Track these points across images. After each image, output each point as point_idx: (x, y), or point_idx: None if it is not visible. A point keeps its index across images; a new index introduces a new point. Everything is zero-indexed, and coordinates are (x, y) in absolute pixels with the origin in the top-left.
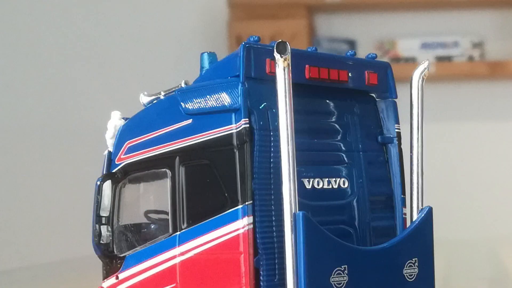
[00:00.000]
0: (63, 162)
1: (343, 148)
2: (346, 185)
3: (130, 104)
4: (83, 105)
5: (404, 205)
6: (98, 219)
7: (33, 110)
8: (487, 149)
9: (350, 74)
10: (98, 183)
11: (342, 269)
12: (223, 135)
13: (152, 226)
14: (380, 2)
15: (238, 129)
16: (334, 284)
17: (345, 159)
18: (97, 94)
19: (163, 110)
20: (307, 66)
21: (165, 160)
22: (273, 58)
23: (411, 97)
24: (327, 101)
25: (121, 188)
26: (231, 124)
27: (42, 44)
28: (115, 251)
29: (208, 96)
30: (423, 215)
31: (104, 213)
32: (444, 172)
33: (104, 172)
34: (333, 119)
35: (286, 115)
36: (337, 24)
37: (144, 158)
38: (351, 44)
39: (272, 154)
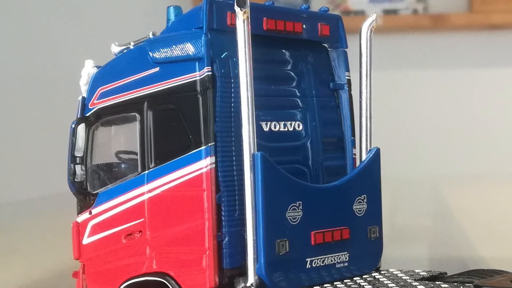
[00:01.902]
0: (41, 107)
1: (298, 94)
2: (301, 128)
3: (102, 54)
4: (59, 55)
5: (354, 146)
6: (72, 159)
7: (13, 59)
8: (430, 95)
9: (304, 26)
10: (73, 126)
11: (297, 205)
12: (188, 82)
13: (123, 166)
14: None
15: (201, 77)
16: (289, 218)
17: (300, 104)
18: (72, 44)
19: (133, 59)
20: (264, 18)
21: (135, 105)
22: (234, 11)
23: (360, 47)
24: (283, 50)
25: (94, 130)
26: (195, 72)
27: None
28: (88, 188)
29: (174, 46)
30: (371, 155)
31: (79, 153)
32: (391, 116)
33: (78, 116)
34: (289, 67)
35: (246, 63)
36: None
37: (115, 103)
38: None
39: (232, 100)
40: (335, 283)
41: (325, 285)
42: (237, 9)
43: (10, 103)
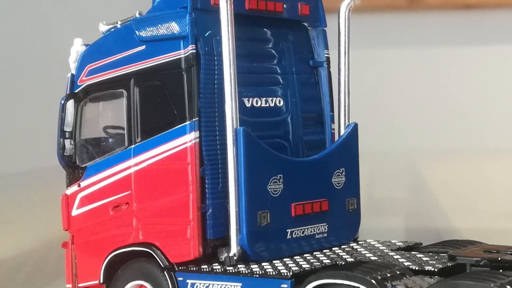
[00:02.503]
0: (31, 83)
1: (279, 71)
2: (282, 103)
3: (90, 32)
4: (49, 33)
5: (332, 121)
6: (62, 133)
7: (3, 37)
8: (407, 73)
9: (285, 6)
10: (62, 102)
11: (278, 178)
12: (173, 59)
13: (110, 140)
14: None
15: (186, 54)
16: (270, 191)
17: (281, 80)
18: (62, 23)
19: (120, 38)
20: None
21: (122, 81)
22: None
23: (339, 26)
24: (265, 29)
25: (83, 106)
26: (180, 50)
27: None
28: (77, 162)
29: (159, 25)
30: (349, 130)
31: (68, 128)
32: (368, 93)
33: (67, 92)
34: (270, 46)
35: (229, 42)
36: None
37: (103, 80)
38: None
39: (216, 77)
40: (314, 253)
41: (305, 255)
42: None
43: (2, 80)
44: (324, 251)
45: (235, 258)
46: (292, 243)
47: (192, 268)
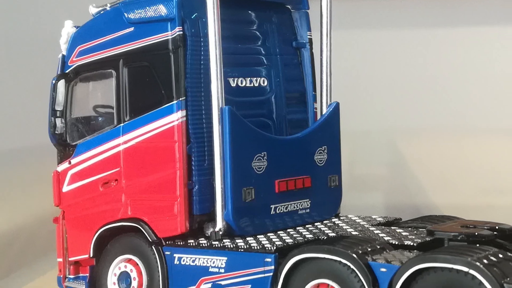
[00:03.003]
0: (24, 63)
1: (263, 52)
2: (266, 83)
3: (81, 14)
4: (40, 15)
5: (315, 100)
6: (53, 112)
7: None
8: (387, 53)
9: None
10: (53, 81)
11: (262, 155)
12: (160, 41)
13: (100, 119)
14: None
15: (173, 36)
16: (255, 168)
17: (265, 61)
18: (53, 5)
19: (109, 20)
20: None
21: (111, 62)
22: None
23: (321, 8)
24: (249, 11)
25: (73, 86)
26: (167, 31)
27: None
28: (68, 140)
29: (147, 8)
30: (331, 109)
31: (59, 107)
32: (350, 73)
33: (58, 73)
34: (254, 27)
35: (214, 24)
36: None
37: (93, 61)
38: None
39: (202, 57)
40: (297, 228)
41: (288, 230)
42: None
43: None
44: (307, 226)
45: (220, 233)
46: (275, 219)
47: (179, 243)
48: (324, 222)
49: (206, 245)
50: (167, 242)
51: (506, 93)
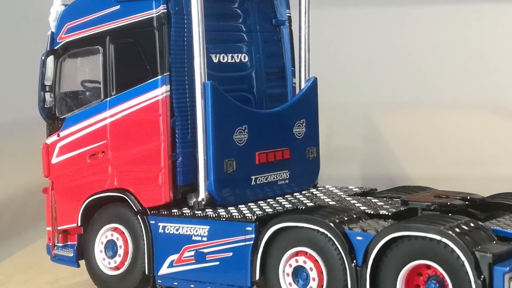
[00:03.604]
0: (14, 40)
1: (244, 29)
2: (246, 59)
3: None
4: None
5: (294, 76)
6: (42, 87)
7: None
8: (363, 30)
9: None
10: (43, 58)
11: (243, 128)
12: (145, 18)
13: (87, 93)
14: None
15: (157, 14)
16: (236, 140)
17: (246, 38)
18: None
19: None
20: None
21: (98, 39)
22: None
23: None
24: None
25: (62, 62)
26: (152, 9)
27: None
28: (57, 113)
29: None
30: (309, 84)
31: (48, 82)
32: (327, 49)
33: (47, 49)
34: (236, 6)
35: (197, 2)
36: None
37: (80, 37)
38: None
39: (185, 34)
40: (277, 198)
41: (268, 200)
42: None
43: None
44: (286, 196)
45: (203, 203)
46: (256, 189)
47: (163, 212)
48: (303, 192)
49: (189, 214)
50: (152, 212)
51: (479, 68)
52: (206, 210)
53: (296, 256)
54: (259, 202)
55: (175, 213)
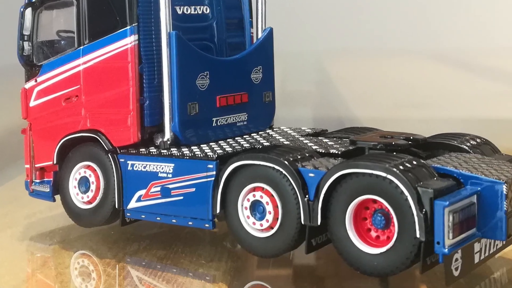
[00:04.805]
0: None
1: None
2: (208, 11)
3: None
4: None
5: (251, 26)
6: (21, 36)
7: None
8: None
9: None
10: (21, 9)
11: (205, 74)
12: None
13: (62, 42)
14: None
15: None
16: (198, 85)
17: None
18: None
19: None
20: None
21: None
22: None
23: None
24: None
25: (39, 13)
26: None
27: None
28: (34, 60)
29: None
30: (265, 33)
31: (26, 32)
32: (282, 2)
33: (26, 2)
34: None
35: None
36: None
37: None
38: None
39: None
40: (236, 138)
41: (228, 140)
42: None
43: None
44: (244, 136)
45: (168, 142)
46: (217, 130)
47: (132, 151)
48: (260, 133)
49: (155, 153)
50: (122, 151)
51: (419, 17)
52: (171, 149)
53: (254, 192)
54: (219, 142)
55: (143, 152)
